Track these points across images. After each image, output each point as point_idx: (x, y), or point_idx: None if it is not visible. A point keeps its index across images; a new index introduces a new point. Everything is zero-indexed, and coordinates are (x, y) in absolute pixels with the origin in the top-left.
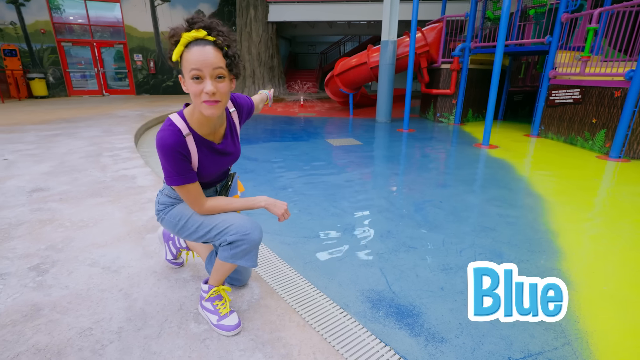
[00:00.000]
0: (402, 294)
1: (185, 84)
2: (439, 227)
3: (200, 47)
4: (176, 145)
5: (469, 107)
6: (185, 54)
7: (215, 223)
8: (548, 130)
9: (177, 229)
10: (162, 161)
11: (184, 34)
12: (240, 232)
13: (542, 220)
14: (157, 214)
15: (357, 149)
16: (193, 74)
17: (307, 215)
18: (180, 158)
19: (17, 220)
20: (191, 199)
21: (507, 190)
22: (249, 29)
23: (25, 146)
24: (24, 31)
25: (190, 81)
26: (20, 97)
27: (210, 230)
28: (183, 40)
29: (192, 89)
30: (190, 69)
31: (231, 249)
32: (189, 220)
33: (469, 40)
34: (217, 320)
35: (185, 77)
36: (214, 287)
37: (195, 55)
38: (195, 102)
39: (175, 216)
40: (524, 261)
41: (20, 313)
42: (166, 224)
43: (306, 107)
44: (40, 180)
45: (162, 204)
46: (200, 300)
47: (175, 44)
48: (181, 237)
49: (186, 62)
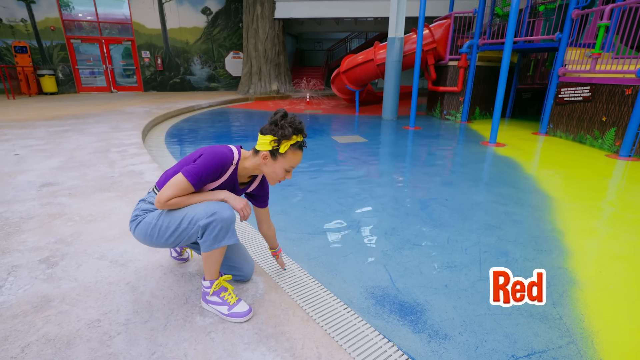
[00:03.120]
0: (406, 290)
1: (275, 165)
2: (444, 224)
3: (301, 152)
4: (224, 164)
5: (476, 104)
6: (292, 153)
7: (184, 213)
8: (557, 129)
9: (150, 228)
10: (204, 161)
11: (296, 137)
12: (208, 214)
13: (549, 218)
14: (134, 219)
15: (363, 146)
16: (289, 169)
17: (312, 212)
18: (217, 172)
19: (27, 214)
20: (174, 189)
21: (513, 189)
22: (256, 26)
23: (35, 142)
24: (34, 28)
25: (283, 171)
26: (30, 93)
27: (180, 222)
28: (293, 142)
29: (279, 175)
30: (291, 167)
31: (209, 233)
32: (161, 217)
33: (477, 37)
34: (228, 310)
35: (280, 164)
36: (215, 281)
37: (299, 158)
38: (272, 178)
39: (150, 217)
40: (529, 260)
41: (31, 304)
42: (140, 227)
43: (312, 104)
44: (50, 175)
45: (143, 209)
46: (204, 297)
47: (284, 138)
48: (154, 242)
49: (290, 161)
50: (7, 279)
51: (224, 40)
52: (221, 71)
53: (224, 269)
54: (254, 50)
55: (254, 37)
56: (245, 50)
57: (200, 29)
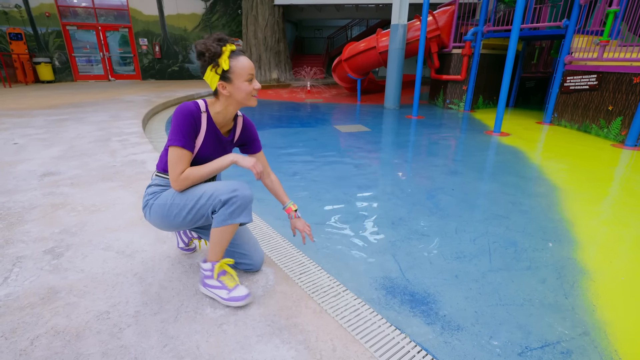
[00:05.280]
0: (416, 281)
1: (235, 86)
2: (451, 214)
3: (245, 57)
4: (193, 112)
5: (480, 93)
6: (235, 62)
7: (203, 190)
8: (561, 118)
9: (165, 209)
10: (174, 122)
11: (227, 47)
12: (230, 190)
13: (557, 209)
14: (145, 205)
15: (366, 135)
16: (249, 77)
17: (317, 201)
18: (191, 123)
19: (30, 204)
20: (176, 163)
21: (519, 178)
22: (255, 12)
23: (34, 130)
24: (29, 14)
25: (246, 83)
26: (27, 81)
27: (199, 198)
28: (227, 52)
29: (246, 89)
30: (248, 73)
31: (226, 208)
32: (177, 196)
33: (481, 24)
34: (227, 293)
35: (238, 80)
36: (216, 264)
37: (247, 62)
38: (245, 99)
39: (164, 197)
40: (538, 250)
41: (38, 296)
42: (154, 210)
43: (313, 93)
44: (50, 164)
45: (152, 193)
46: (203, 280)
47: (217, 57)
48: (172, 223)
49: (240, 69)
50: (13, 270)
51: (222, 28)
52: None
53: (235, 256)
54: (253, 38)
55: (253, 24)
56: (245, 38)
57: (199, 15)
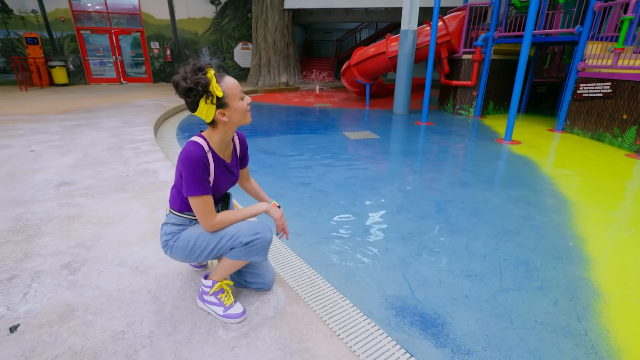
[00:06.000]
0: (426, 301)
1: (232, 108)
2: (461, 229)
3: (227, 75)
4: (201, 157)
5: (490, 99)
6: (224, 85)
7: (225, 232)
8: (574, 125)
9: (187, 250)
10: (186, 172)
11: (210, 72)
12: (252, 233)
13: (569, 224)
14: (165, 244)
15: (375, 143)
16: (241, 95)
17: (327, 214)
18: (203, 169)
19: (47, 216)
20: (205, 211)
21: (530, 191)
22: (265, 17)
23: (50, 137)
24: (45, 19)
25: (240, 102)
26: (42, 84)
27: (221, 240)
28: (214, 79)
29: (242, 107)
30: (239, 91)
31: (246, 248)
32: (199, 238)
33: (492, 30)
34: (223, 311)
35: (233, 102)
36: (217, 282)
37: (233, 80)
38: (243, 118)
39: (185, 239)
40: (550, 269)
41: (56, 313)
42: (175, 251)
43: (322, 97)
44: (66, 173)
45: (170, 233)
46: (202, 295)
47: (207, 87)
48: (193, 260)
49: (232, 90)
50: (32, 286)
51: (232, 31)
52: (230, 62)
53: (247, 276)
54: (263, 42)
55: (263, 28)
56: (255, 42)
57: (209, 19)
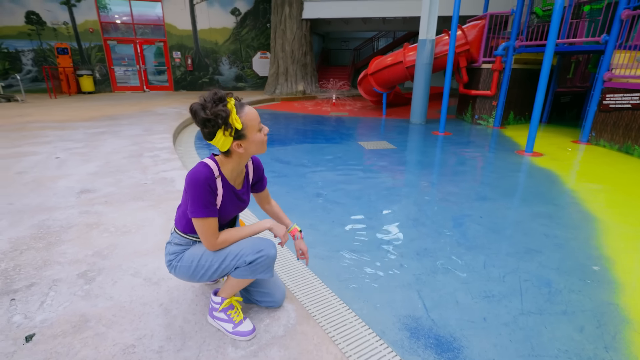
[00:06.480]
0: (442, 322)
1: (250, 140)
2: (479, 246)
3: (247, 105)
4: (208, 179)
5: (510, 108)
6: (244, 117)
7: (228, 251)
8: (600, 137)
9: (191, 271)
10: (192, 193)
11: (230, 102)
12: (255, 251)
13: (595, 243)
14: (169, 264)
15: (391, 153)
16: (260, 127)
17: (340, 226)
18: (210, 191)
19: (67, 223)
20: (208, 233)
21: (553, 206)
22: (283, 27)
23: (74, 144)
24: (75, 30)
25: (258, 134)
26: (70, 92)
27: (224, 259)
28: (234, 110)
29: (259, 139)
30: (258, 123)
31: (251, 267)
32: (202, 257)
33: (513, 39)
34: (232, 327)
35: (252, 134)
36: (226, 299)
37: (253, 111)
38: (259, 149)
39: (188, 259)
40: (575, 292)
41: (70, 323)
42: (180, 271)
43: (338, 106)
44: (87, 180)
45: (173, 253)
46: (211, 311)
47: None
48: (198, 280)
49: (251, 122)
50: (49, 294)
51: (252, 41)
52: (248, 71)
53: (257, 295)
54: (281, 51)
55: (281, 37)
56: (273, 51)
57: (229, 29)
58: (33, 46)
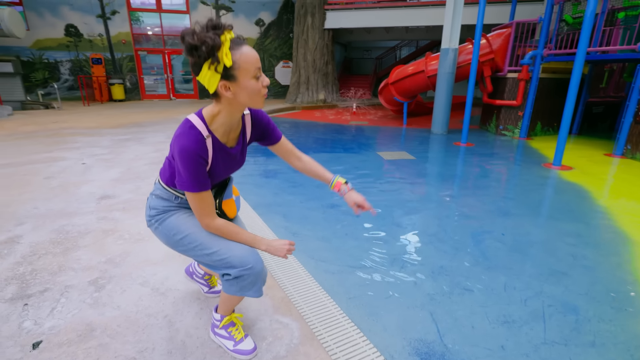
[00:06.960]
0: (456, 349)
1: (241, 85)
2: (500, 266)
3: (248, 46)
4: (199, 149)
5: (538, 119)
6: (238, 55)
7: (217, 248)
8: (636, 150)
9: (171, 241)
10: (181, 166)
11: (226, 34)
12: (242, 266)
13: (629, 267)
14: (149, 220)
15: (410, 164)
16: (257, 74)
17: (354, 240)
18: (201, 163)
19: (85, 229)
20: (203, 210)
21: (583, 225)
22: (306, 37)
23: (100, 150)
24: (109, 42)
25: (253, 80)
26: (102, 100)
27: (210, 254)
28: (227, 43)
29: (253, 87)
30: (255, 68)
31: (237, 283)
32: (187, 237)
33: (541, 47)
34: (233, 345)
35: (244, 78)
36: (225, 316)
37: (252, 53)
38: (253, 100)
39: (171, 229)
40: (606, 321)
41: (76, 332)
42: (159, 234)
43: (358, 115)
44: (108, 187)
45: (154, 208)
46: (213, 328)
47: (215, 50)
48: (175, 249)
49: (245, 64)
50: (60, 301)
51: (275, 50)
52: (271, 80)
53: None
54: (302, 60)
55: (303, 47)
56: (295, 60)
57: (253, 39)
58: (70, 57)
